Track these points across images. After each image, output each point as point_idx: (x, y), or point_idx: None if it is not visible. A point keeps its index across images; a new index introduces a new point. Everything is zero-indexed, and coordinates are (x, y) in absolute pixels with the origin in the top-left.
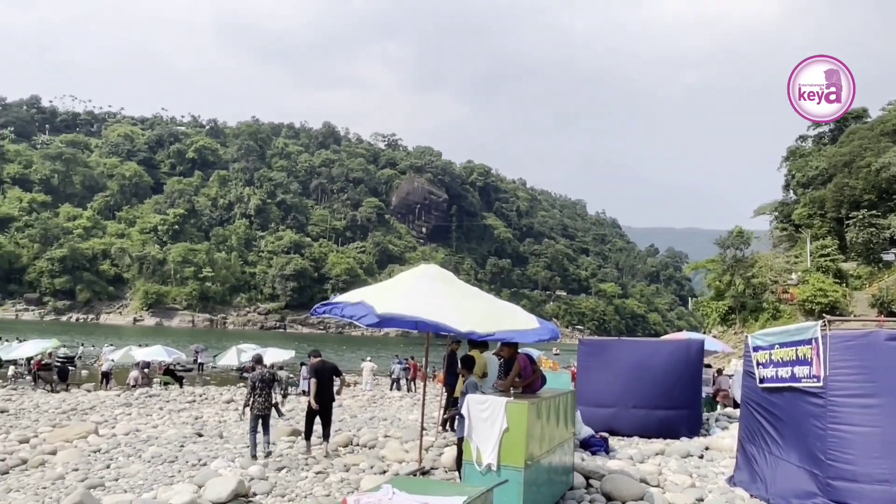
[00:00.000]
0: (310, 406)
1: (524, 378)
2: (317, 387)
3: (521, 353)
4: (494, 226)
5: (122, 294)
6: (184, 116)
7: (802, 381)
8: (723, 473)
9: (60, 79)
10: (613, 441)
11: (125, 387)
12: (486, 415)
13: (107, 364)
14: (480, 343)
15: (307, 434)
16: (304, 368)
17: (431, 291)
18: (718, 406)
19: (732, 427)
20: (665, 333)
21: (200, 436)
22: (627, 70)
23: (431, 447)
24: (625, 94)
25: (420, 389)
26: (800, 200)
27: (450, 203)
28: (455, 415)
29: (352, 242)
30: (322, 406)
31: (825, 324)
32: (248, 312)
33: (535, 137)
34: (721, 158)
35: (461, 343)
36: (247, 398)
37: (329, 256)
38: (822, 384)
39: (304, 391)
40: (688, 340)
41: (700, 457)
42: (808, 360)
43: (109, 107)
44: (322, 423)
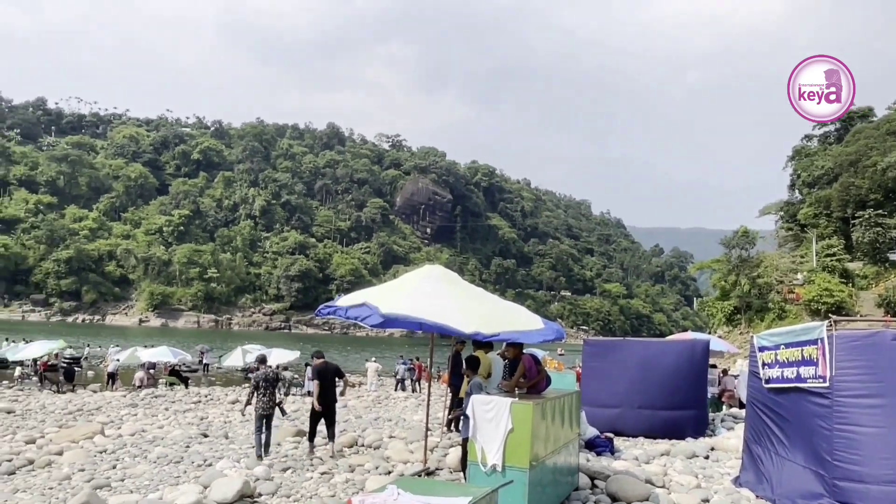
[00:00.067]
0: (313, 408)
1: (529, 378)
2: (319, 388)
3: (526, 354)
4: (499, 226)
5: (128, 295)
6: (189, 118)
7: (808, 382)
8: (728, 474)
9: (66, 81)
10: (618, 441)
11: (131, 387)
12: (491, 415)
13: (113, 365)
14: (485, 343)
15: (311, 436)
16: (309, 369)
17: (436, 292)
18: (724, 406)
19: (738, 427)
20: (670, 334)
21: (206, 436)
22: (632, 70)
23: (436, 448)
24: (629, 94)
25: (425, 390)
26: (805, 200)
27: (454, 203)
28: (460, 415)
29: (356, 243)
30: (325, 407)
31: (831, 324)
32: (253, 313)
33: (540, 137)
34: (726, 158)
35: (466, 343)
36: (248, 397)
37: (334, 257)
38: (828, 384)
39: (309, 392)
40: (693, 341)
41: (706, 457)
42: (814, 361)
43: (115, 108)
44: (326, 424)
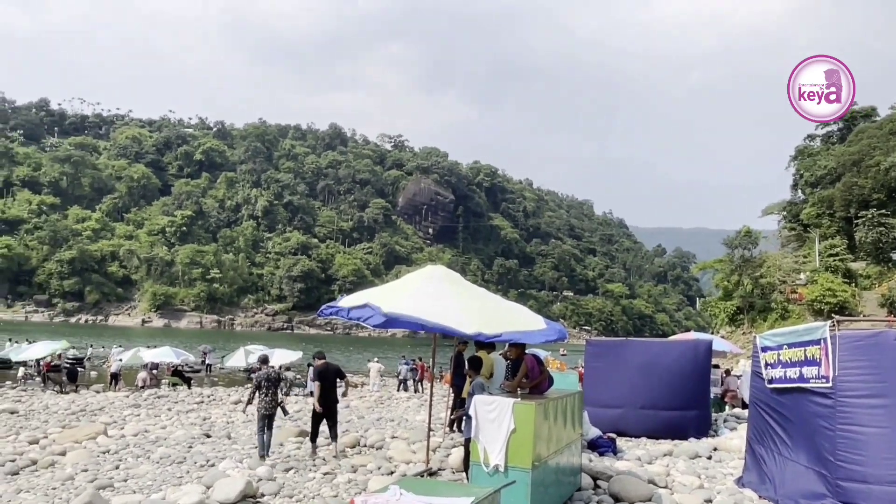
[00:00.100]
0: (314, 409)
1: (531, 379)
2: (320, 389)
3: (529, 354)
4: (501, 226)
5: (131, 295)
6: (191, 118)
7: (811, 382)
8: (731, 474)
9: (69, 82)
10: (621, 442)
11: (134, 388)
12: (494, 416)
13: (115, 365)
14: (487, 344)
15: (313, 437)
16: (311, 370)
17: (438, 292)
18: (727, 407)
19: (741, 428)
20: (673, 334)
21: (209, 437)
22: (633, 70)
23: (439, 448)
24: (631, 94)
25: (427, 390)
26: (808, 200)
27: (456, 204)
28: (462, 416)
29: (359, 243)
30: (326, 408)
31: (834, 324)
32: (256, 314)
33: (542, 137)
34: (729, 158)
35: (468, 344)
36: (249, 397)
37: (336, 257)
38: (831, 385)
39: (311, 392)
40: (696, 341)
41: (708, 458)
42: (817, 361)
43: (118, 109)
44: (328, 425)
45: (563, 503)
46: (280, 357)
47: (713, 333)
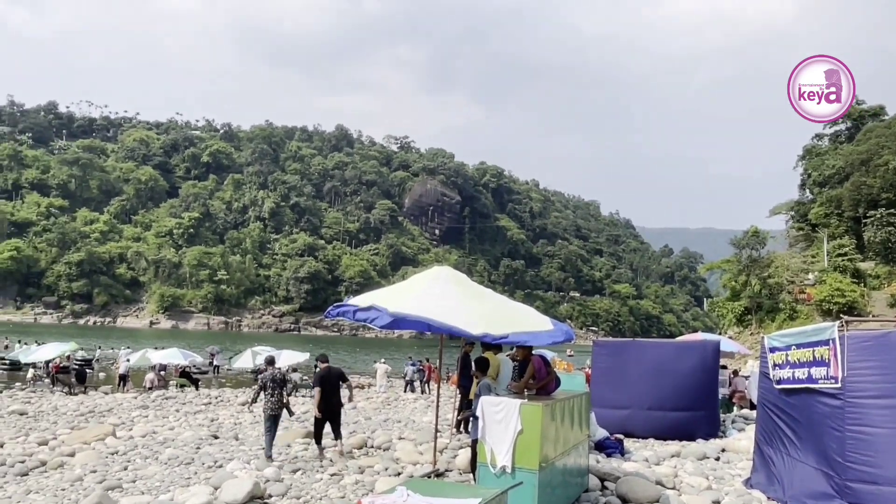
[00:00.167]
0: (315, 415)
1: (538, 380)
2: (321, 395)
3: (536, 355)
4: (507, 227)
5: (139, 297)
6: (198, 121)
7: (820, 383)
8: (740, 475)
9: (77, 84)
10: (629, 443)
11: (142, 389)
12: (501, 417)
13: (124, 367)
14: (494, 345)
15: (317, 440)
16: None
17: (445, 293)
18: (734, 407)
19: (749, 429)
20: (680, 334)
21: (216, 438)
22: (641, 69)
23: (446, 449)
24: (638, 94)
25: (434, 391)
26: (816, 199)
27: (463, 205)
28: (469, 416)
29: (365, 245)
30: (329, 412)
31: (843, 324)
32: (263, 315)
33: (548, 138)
34: (736, 157)
35: (475, 345)
36: (254, 396)
37: (343, 259)
38: (840, 385)
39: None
40: (703, 341)
41: (716, 459)
42: (826, 361)
43: (125, 112)
44: (332, 427)
45: None
46: (287, 358)
47: (721, 334)
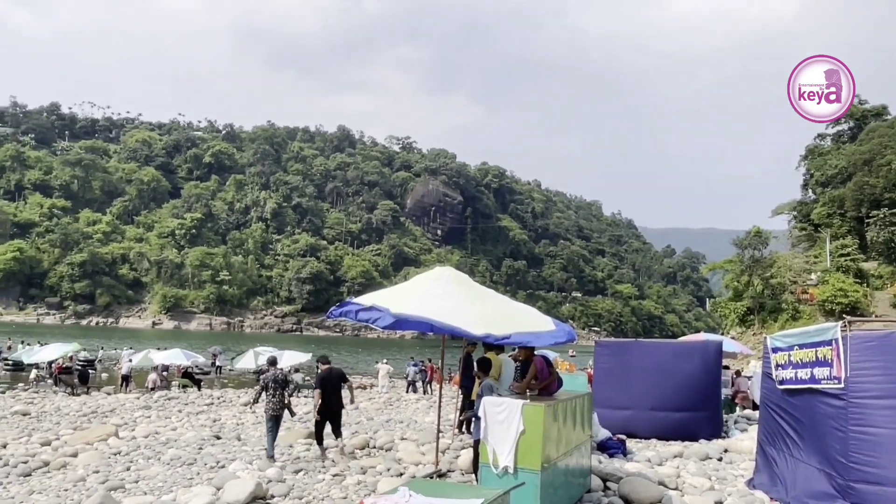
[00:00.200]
0: (318, 415)
1: (541, 380)
2: (322, 396)
3: (538, 356)
4: (510, 227)
5: (141, 298)
6: (200, 121)
7: (823, 383)
8: (742, 476)
9: (79, 86)
10: (631, 443)
11: (144, 390)
12: (503, 417)
13: (126, 367)
14: (496, 345)
15: (318, 441)
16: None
17: (447, 294)
18: (737, 408)
19: (751, 429)
20: (683, 335)
21: (219, 438)
22: (643, 69)
23: (448, 450)
24: (640, 94)
25: (436, 392)
26: (819, 199)
27: (465, 205)
28: (471, 417)
29: (367, 245)
30: (329, 413)
31: (846, 324)
32: (265, 315)
33: (550, 138)
34: (739, 157)
35: (477, 345)
36: (256, 396)
37: (345, 259)
38: (843, 385)
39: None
40: (706, 342)
41: (719, 459)
42: (829, 362)
43: (127, 113)
44: (332, 428)
45: None
46: (289, 358)
47: (723, 334)
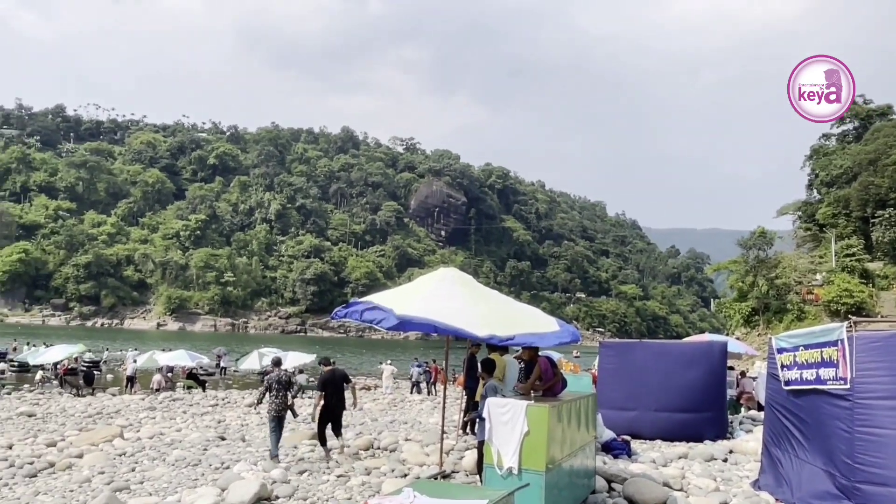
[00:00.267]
0: (321, 416)
1: (545, 381)
2: (325, 397)
3: (542, 356)
4: (513, 228)
5: (146, 299)
6: (205, 123)
7: (828, 384)
8: (747, 477)
9: (84, 88)
10: (635, 444)
11: (149, 391)
12: (507, 418)
13: (131, 368)
14: (500, 346)
15: (322, 442)
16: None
17: (451, 295)
18: (742, 409)
19: (757, 430)
20: (687, 335)
21: (223, 439)
22: (646, 69)
23: (452, 450)
24: (644, 94)
25: (440, 393)
26: (824, 200)
27: (468, 206)
28: (475, 418)
29: (371, 246)
30: (332, 414)
31: (851, 325)
32: (269, 316)
33: (554, 139)
34: (743, 158)
35: (481, 346)
36: (259, 396)
37: (349, 260)
38: (849, 386)
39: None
40: (711, 342)
41: (724, 460)
42: (834, 362)
43: (132, 115)
44: (332, 428)
45: None
46: (294, 359)
47: (728, 335)
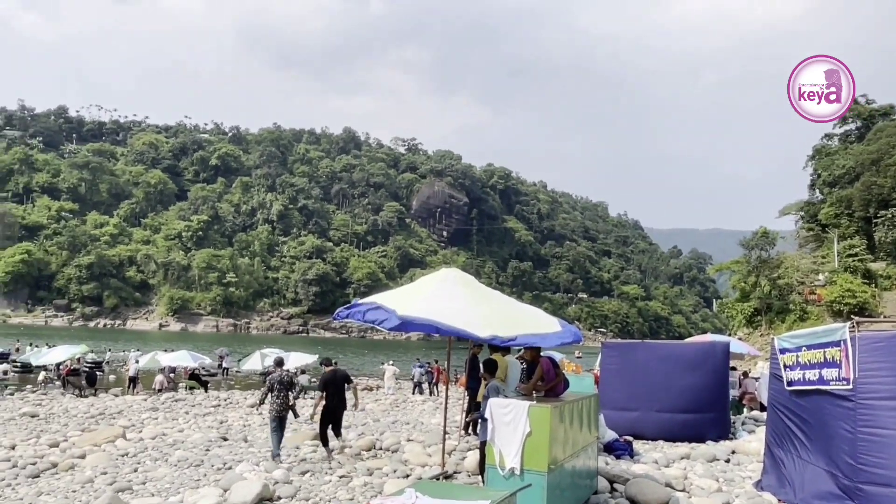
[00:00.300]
0: (322, 416)
1: (547, 381)
2: (326, 398)
3: (544, 357)
4: (515, 229)
5: (148, 300)
6: (207, 124)
7: (831, 384)
8: (750, 478)
9: (87, 89)
10: (638, 445)
11: (151, 391)
12: (509, 418)
13: (133, 369)
14: (502, 346)
15: (324, 442)
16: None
17: (452, 295)
18: (745, 409)
19: (759, 431)
20: (689, 336)
21: (225, 440)
22: (648, 70)
23: (454, 451)
24: (645, 95)
25: (442, 393)
26: (826, 200)
27: (470, 206)
28: (477, 418)
29: (373, 247)
30: (333, 415)
31: (854, 325)
32: (272, 317)
33: (556, 139)
34: (745, 158)
35: (483, 347)
36: (262, 397)
37: (351, 261)
38: (852, 387)
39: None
40: (713, 343)
41: (726, 461)
42: (837, 363)
43: (134, 116)
44: (332, 428)
45: None
46: (296, 360)
47: (730, 335)
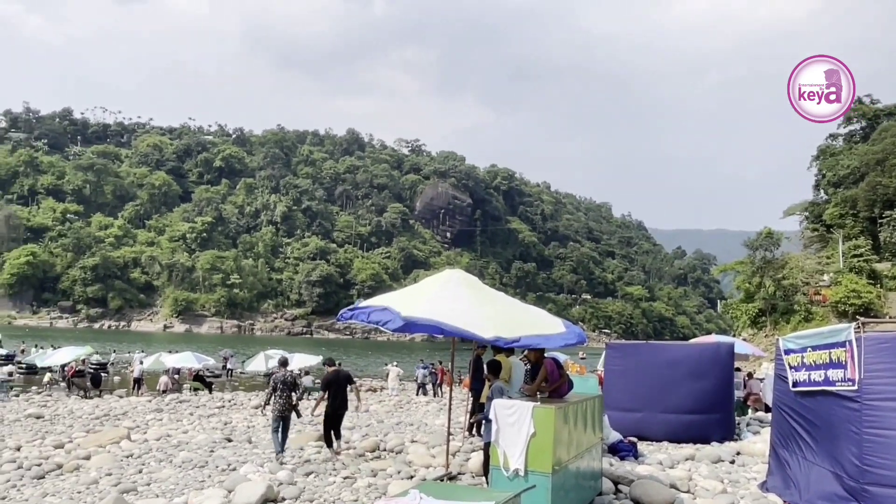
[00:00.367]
0: (325, 416)
1: (551, 382)
2: (330, 397)
3: (548, 358)
4: (519, 230)
5: (153, 301)
6: (211, 126)
7: (836, 385)
8: (755, 479)
9: (91, 91)
10: (642, 446)
11: (156, 392)
12: (514, 419)
13: (138, 370)
14: (506, 347)
15: (328, 443)
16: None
17: (456, 296)
18: (750, 410)
19: (764, 432)
20: (694, 336)
21: (230, 441)
22: (651, 71)
23: (458, 452)
24: (649, 95)
25: (446, 394)
26: (831, 200)
27: (474, 207)
28: (482, 419)
29: (377, 248)
30: (335, 415)
31: (859, 326)
32: (276, 318)
33: (559, 140)
34: (749, 158)
35: (487, 348)
36: (266, 398)
37: (354, 262)
38: (857, 387)
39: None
40: (718, 343)
41: (731, 462)
42: (842, 363)
43: (139, 117)
44: (333, 428)
45: None
46: (299, 361)
47: (735, 336)
